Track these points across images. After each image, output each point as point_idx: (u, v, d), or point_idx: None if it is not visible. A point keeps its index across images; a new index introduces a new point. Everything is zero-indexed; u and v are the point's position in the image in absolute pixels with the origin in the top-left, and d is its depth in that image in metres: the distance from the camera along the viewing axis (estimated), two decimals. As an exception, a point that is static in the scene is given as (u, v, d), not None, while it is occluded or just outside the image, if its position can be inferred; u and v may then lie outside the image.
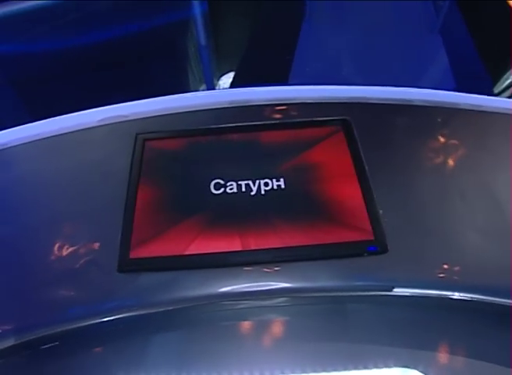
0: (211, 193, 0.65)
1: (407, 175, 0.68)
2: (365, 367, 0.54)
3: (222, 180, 0.66)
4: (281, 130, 0.73)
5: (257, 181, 0.66)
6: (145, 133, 0.73)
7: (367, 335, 0.57)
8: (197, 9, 1.59)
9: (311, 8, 1.62)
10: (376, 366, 0.54)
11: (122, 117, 0.76)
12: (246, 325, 0.59)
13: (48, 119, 0.77)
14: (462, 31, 1.50)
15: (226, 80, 1.87)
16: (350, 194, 0.64)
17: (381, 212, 0.62)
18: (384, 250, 0.59)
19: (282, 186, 0.65)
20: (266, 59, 1.49)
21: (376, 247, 0.59)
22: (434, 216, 0.63)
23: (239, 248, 0.60)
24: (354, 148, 0.69)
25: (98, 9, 1.45)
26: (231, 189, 0.65)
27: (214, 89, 1.76)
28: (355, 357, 0.55)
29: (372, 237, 0.60)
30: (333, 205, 0.63)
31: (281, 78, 1.36)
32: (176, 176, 0.68)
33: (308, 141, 0.71)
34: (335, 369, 0.54)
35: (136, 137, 0.72)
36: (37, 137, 0.74)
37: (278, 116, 0.74)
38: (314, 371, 0.54)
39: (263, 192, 0.65)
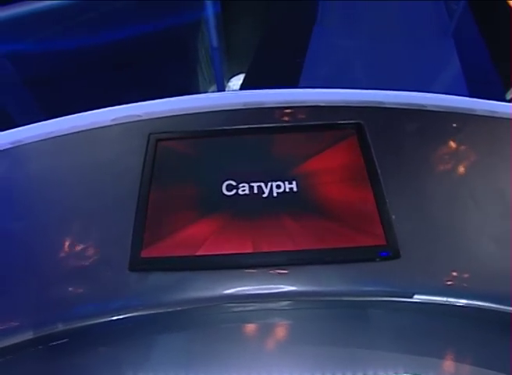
0: (223, 194, 0.65)
1: (420, 180, 0.67)
2: (365, 374, 0.54)
3: (235, 181, 0.66)
4: (294, 133, 0.73)
5: (270, 183, 0.66)
6: (158, 133, 0.73)
7: (371, 341, 0.57)
8: (209, 10, 1.59)
9: (322, 10, 1.62)
10: (375, 373, 0.54)
11: (135, 117, 0.76)
12: (254, 327, 0.59)
13: (61, 118, 0.77)
14: (475, 34, 1.49)
15: (236, 81, 1.87)
16: (362, 198, 0.64)
17: (393, 217, 0.62)
18: (396, 255, 0.59)
19: (295, 189, 0.65)
20: (277, 61, 1.49)
21: (388, 252, 0.59)
22: (447, 222, 0.63)
23: (250, 250, 0.60)
24: (367, 152, 0.69)
25: (112, 10, 1.46)
26: (243, 191, 0.65)
27: (224, 90, 1.76)
28: (358, 362, 0.55)
29: (384, 242, 0.60)
30: (345, 209, 0.63)
31: (291, 80, 1.36)
32: (188, 176, 0.68)
33: (321, 144, 0.70)
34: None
35: (149, 137, 0.72)
36: (51, 135, 0.74)
37: (291, 118, 0.74)
38: (319, 376, 0.54)
39: (275, 194, 0.65)
